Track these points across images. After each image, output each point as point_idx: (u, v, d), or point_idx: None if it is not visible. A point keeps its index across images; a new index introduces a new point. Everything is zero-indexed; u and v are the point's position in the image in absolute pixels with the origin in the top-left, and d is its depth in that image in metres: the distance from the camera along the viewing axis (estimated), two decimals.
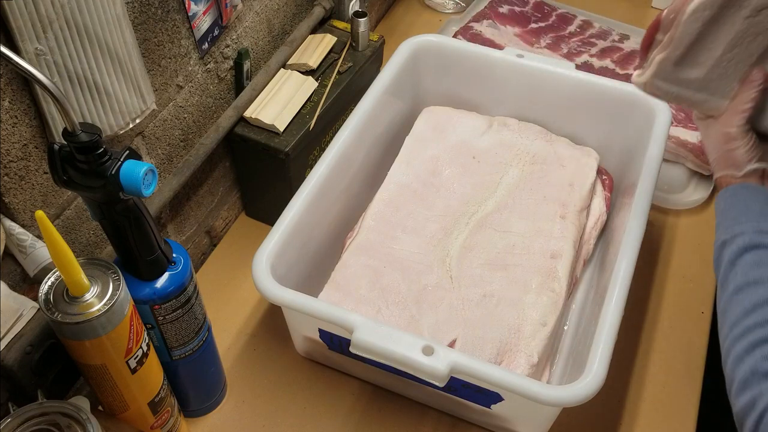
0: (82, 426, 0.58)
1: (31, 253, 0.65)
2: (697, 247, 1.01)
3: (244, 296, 0.94)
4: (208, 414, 0.84)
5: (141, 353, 0.65)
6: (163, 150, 0.83)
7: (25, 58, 0.57)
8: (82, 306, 0.58)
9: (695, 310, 0.94)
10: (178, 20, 0.77)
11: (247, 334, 0.91)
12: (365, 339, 0.69)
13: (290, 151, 0.89)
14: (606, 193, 0.95)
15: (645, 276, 0.97)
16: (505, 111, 1.01)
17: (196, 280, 0.70)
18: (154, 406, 0.71)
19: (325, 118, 0.95)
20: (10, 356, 0.60)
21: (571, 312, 0.89)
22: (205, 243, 1.00)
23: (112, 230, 0.63)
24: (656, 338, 0.91)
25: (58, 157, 0.56)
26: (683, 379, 0.87)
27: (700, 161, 1.03)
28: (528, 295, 0.81)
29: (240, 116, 0.91)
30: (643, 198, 0.82)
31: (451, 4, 1.35)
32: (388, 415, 0.83)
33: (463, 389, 0.74)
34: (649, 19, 1.34)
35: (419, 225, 0.88)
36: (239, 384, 0.86)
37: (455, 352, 0.68)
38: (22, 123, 0.62)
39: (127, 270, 0.65)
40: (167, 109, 0.81)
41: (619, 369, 0.87)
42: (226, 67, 0.89)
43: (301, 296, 0.73)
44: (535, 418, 0.76)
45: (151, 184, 0.57)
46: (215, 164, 0.95)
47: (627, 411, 0.85)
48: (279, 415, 0.84)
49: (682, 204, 1.05)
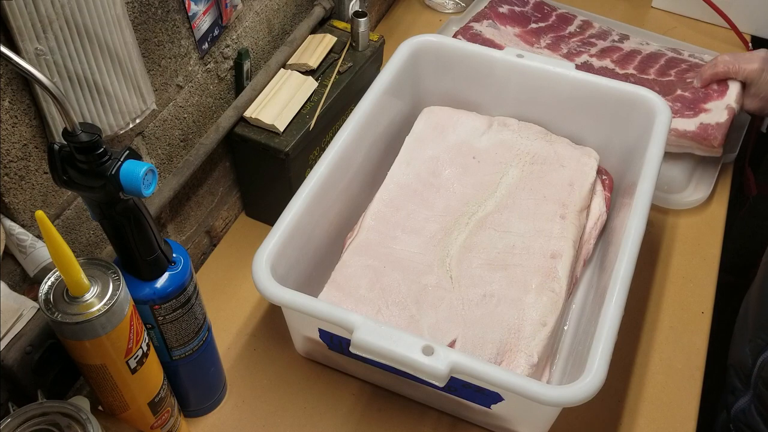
0: (82, 426, 0.58)
1: (31, 253, 0.65)
2: (698, 247, 1.01)
3: (244, 296, 0.94)
4: (208, 414, 0.84)
5: (141, 353, 0.65)
6: (163, 150, 0.83)
7: (25, 58, 0.57)
8: (82, 306, 0.58)
9: (695, 310, 0.94)
10: (178, 20, 0.77)
11: (247, 334, 0.91)
12: (365, 339, 0.69)
13: (290, 151, 0.90)
14: (606, 193, 0.95)
15: (645, 276, 0.97)
16: (505, 111, 1.01)
17: (196, 280, 0.70)
18: (154, 406, 0.71)
19: (325, 118, 0.95)
20: (10, 356, 0.60)
21: (571, 312, 0.89)
22: (205, 243, 1.00)
23: (112, 230, 0.63)
24: (656, 338, 0.91)
25: (58, 157, 0.56)
26: (683, 379, 0.87)
27: (705, 146, 1.02)
28: (528, 295, 0.81)
29: (240, 116, 0.91)
30: (643, 198, 0.82)
31: (451, 4, 1.35)
32: (388, 415, 0.83)
33: (464, 389, 0.75)
34: (649, 19, 1.35)
35: (419, 225, 0.88)
36: (239, 384, 0.86)
37: (455, 352, 0.68)
38: (22, 123, 0.62)
39: (127, 270, 0.65)
40: (167, 109, 0.81)
41: (619, 369, 0.87)
42: (226, 67, 0.89)
43: (301, 296, 0.73)
44: (536, 418, 0.76)
45: (151, 184, 0.57)
46: (215, 164, 0.95)
47: (627, 411, 0.85)
48: (279, 415, 0.84)
49: (683, 204, 1.05)
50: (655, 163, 0.85)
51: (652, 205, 1.03)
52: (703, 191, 1.05)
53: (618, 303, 0.73)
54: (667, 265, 0.99)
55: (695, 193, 1.05)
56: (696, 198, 1.04)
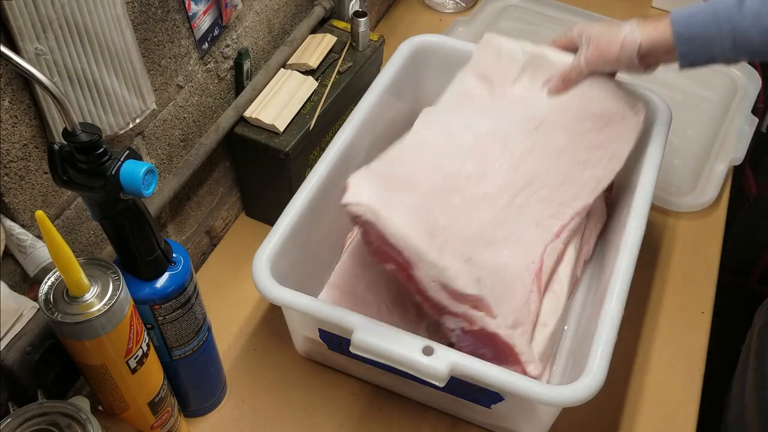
0: (82, 426, 0.58)
1: (31, 253, 0.65)
2: (698, 247, 1.01)
3: (244, 296, 0.94)
4: (208, 414, 0.84)
5: (141, 353, 0.65)
6: (163, 150, 0.83)
7: (25, 58, 0.57)
8: (82, 306, 0.58)
9: (695, 310, 0.94)
10: (178, 20, 0.77)
11: (247, 334, 0.91)
12: (365, 339, 0.69)
13: (290, 151, 0.90)
14: (606, 193, 0.95)
15: (646, 276, 0.97)
16: None
17: (196, 280, 0.70)
18: (154, 406, 0.71)
19: (325, 118, 0.95)
20: (10, 356, 0.60)
21: (571, 312, 0.89)
22: (205, 243, 1.00)
23: (112, 230, 0.63)
24: (656, 338, 0.91)
25: (58, 157, 0.56)
26: (683, 379, 0.87)
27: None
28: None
29: (240, 116, 0.91)
30: (643, 198, 0.82)
31: (451, 4, 1.35)
32: (388, 414, 0.83)
33: (464, 389, 0.74)
34: None
35: None
36: (239, 384, 0.86)
37: (455, 353, 0.68)
38: (22, 123, 0.62)
39: (127, 270, 0.65)
40: (167, 109, 0.81)
41: (619, 369, 0.87)
42: (226, 67, 0.89)
43: (301, 296, 0.73)
44: (536, 418, 0.76)
45: (151, 184, 0.57)
46: (215, 164, 0.95)
47: (627, 411, 0.85)
48: (279, 415, 0.84)
49: (689, 207, 1.04)
50: (655, 163, 0.85)
51: (654, 206, 1.03)
52: (711, 192, 1.04)
53: (618, 303, 0.73)
54: (667, 265, 0.99)
55: (702, 196, 1.04)
56: (703, 201, 1.04)
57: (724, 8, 0.76)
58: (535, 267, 0.79)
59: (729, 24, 0.75)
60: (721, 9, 0.76)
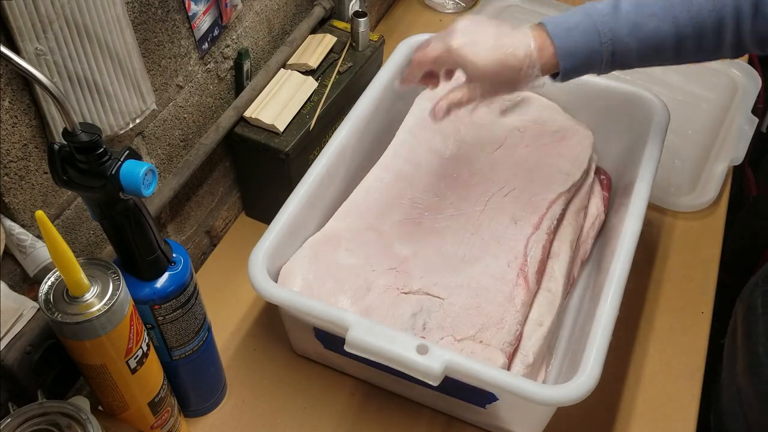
0: (82, 426, 0.58)
1: (31, 253, 0.65)
2: (698, 247, 1.01)
3: (243, 296, 0.94)
4: (208, 414, 0.84)
5: (141, 353, 0.65)
6: (163, 150, 0.83)
7: (25, 58, 0.57)
8: (82, 306, 0.58)
9: (695, 310, 0.94)
10: (178, 20, 0.77)
11: (247, 334, 0.91)
12: (360, 338, 0.69)
13: (290, 151, 0.90)
14: (604, 192, 0.95)
15: (646, 276, 0.97)
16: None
17: (196, 280, 0.70)
18: (154, 406, 0.71)
19: (326, 118, 0.95)
20: (10, 356, 0.60)
21: (569, 312, 0.89)
22: (205, 243, 1.00)
23: (112, 230, 0.63)
24: (656, 338, 0.91)
25: (58, 157, 0.56)
26: (683, 379, 0.87)
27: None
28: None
29: (240, 116, 0.91)
30: (641, 197, 0.82)
31: (451, 4, 1.35)
32: (384, 413, 0.84)
33: (458, 389, 0.74)
34: None
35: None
36: (239, 384, 0.86)
37: (450, 352, 0.68)
38: (22, 123, 0.62)
39: (127, 270, 0.65)
40: (167, 109, 0.81)
41: (617, 369, 0.87)
42: (226, 67, 0.90)
43: (295, 294, 0.73)
44: (530, 418, 0.76)
45: (151, 184, 0.58)
46: (215, 164, 0.95)
47: (626, 411, 0.85)
48: (279, 415, 0.84)
49: (690, 207, 1.04)
50: (652, 162, 0.85)
51: (653, 206, 1.03)
52: (711, 192, 1.04)
53: (613, 302, 0.73)
54: (667, 265, 0.99)
55: (702, 195, 1.04)
56: (703, 201, 1.04)
57: (600, 17, 0.70)
58: (519, 262, 0.80)
59: (609, 34, 0.69)
60: (598, 19, 0.70)
